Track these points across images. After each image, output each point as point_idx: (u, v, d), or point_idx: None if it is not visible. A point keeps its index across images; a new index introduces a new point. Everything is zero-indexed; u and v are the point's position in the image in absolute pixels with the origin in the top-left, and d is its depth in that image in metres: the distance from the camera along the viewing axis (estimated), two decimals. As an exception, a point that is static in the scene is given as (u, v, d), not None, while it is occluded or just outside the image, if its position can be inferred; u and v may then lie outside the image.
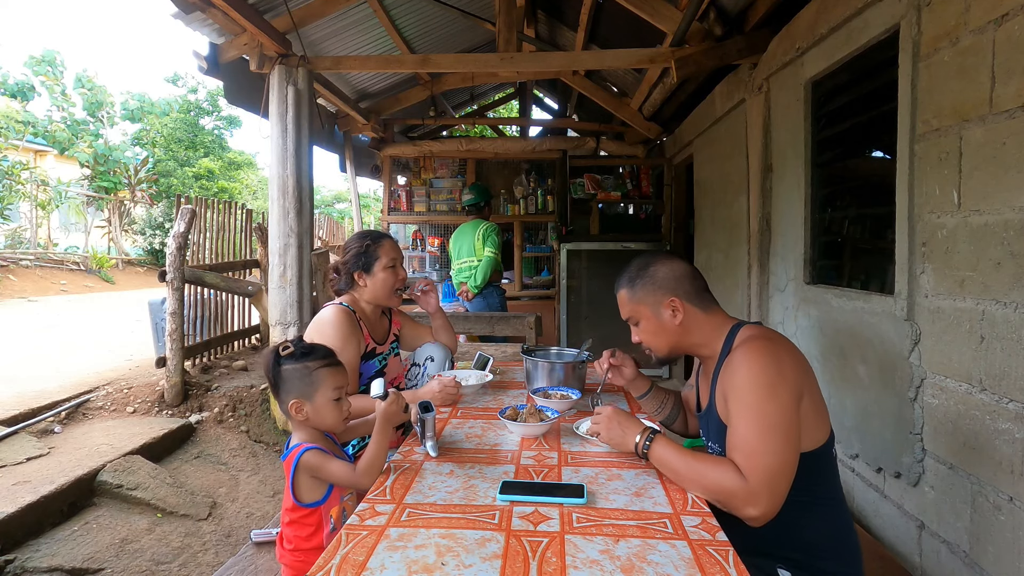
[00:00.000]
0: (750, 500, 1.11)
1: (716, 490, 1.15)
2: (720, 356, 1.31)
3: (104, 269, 12.24)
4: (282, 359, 1.32)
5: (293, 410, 1.30)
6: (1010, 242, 1.50)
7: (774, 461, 1.11)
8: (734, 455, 1.16)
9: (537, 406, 1.58)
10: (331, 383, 1.34)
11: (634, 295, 1.39)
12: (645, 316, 1.38)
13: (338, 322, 1.80)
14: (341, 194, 23.27)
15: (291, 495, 1.29)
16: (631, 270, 1.41)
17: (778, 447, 1.12)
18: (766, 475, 1.11)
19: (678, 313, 1.34)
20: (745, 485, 1.11)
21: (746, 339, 1.26)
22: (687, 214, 5.48)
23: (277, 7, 3.51)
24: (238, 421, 3.84)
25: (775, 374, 1.16)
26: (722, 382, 1.26)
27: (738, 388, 1.18)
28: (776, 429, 1.13)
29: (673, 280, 1.36)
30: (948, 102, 1.74)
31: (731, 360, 1.24)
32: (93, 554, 2.44)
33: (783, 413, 1.14)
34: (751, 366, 1.18)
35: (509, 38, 4.02)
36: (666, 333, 1.36)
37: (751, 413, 1.15)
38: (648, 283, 1.37)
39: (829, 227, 2.70)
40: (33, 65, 14.57)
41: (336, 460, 1.31)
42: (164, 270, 3.93)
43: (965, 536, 1.69)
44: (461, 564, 0.90)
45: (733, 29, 3.29)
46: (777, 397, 1.15)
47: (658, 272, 1.37)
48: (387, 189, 6.41)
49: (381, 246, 1.93)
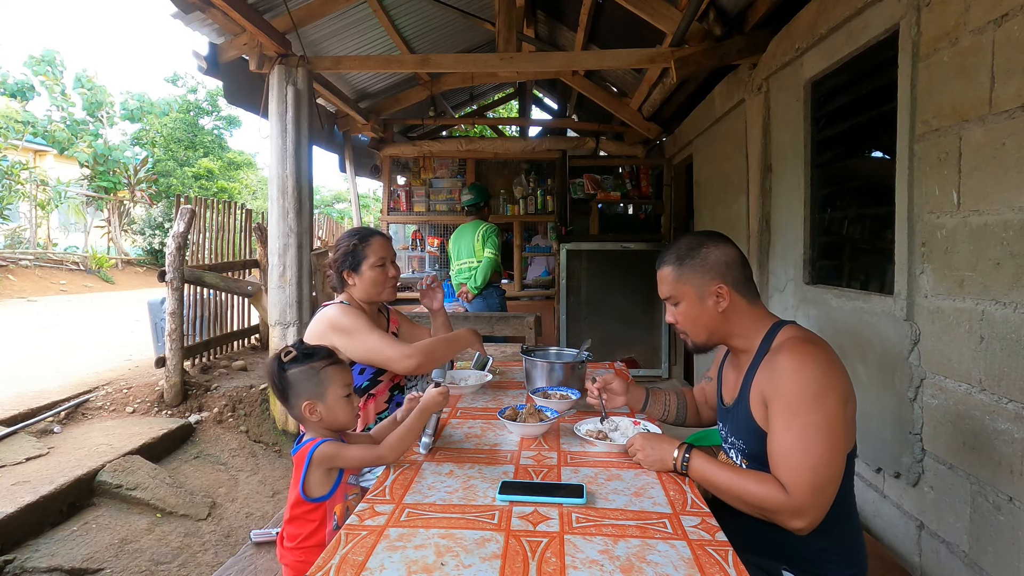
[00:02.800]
0: (796, 514, 1.10)
1: (760, 506, 1.14)
2: (757, 353, 1.27)
3: (104, 269, 12.23)
4: (286, 364, 1.32)
5: (307, 412, 1.30)
6: (1010, 242, 1.50)
7: (820, 473, 1.09)
8: (778, 467, 1.14)
9: (536, 406, 1.58)
10: (340, 380, 1.34)
11: (680, 275, 1.30)
12: (688, 298, 1.30)
13: (351, 313, 1.80)
14: (341, 194, 23.27)
15: (299, 489, 1.29)
16: (680, 247, 1.33)
17: (825, 458, 1.10)
18: (811, 488, 1.09)
19: (722, 301, 1.27)
20: (789, 499, 1.10)
21: (789, 341, 1.21)
22: (687, 214, 5.48)
23: (277, 7, 3.51)
24: (237, 421, 3.84)
25: (824, 383, 1.13)
26: (760, 382, 1.22)
27: (784, 395, 1.14)
28: (823, 440, 1.10)
29: (724, 265, 1.28)
30: (948, 102, 1.74)
31: (774, 362, 1.19)
32: (92, 554, 2.44)
33: (830, 423, 1.11)
34: (800, 373, 1.14)
35: (509, 38, 4.02)
36: (707, 319, 1.30)
37: (797, 423, 1.12)
38: (698, 265, 1.29)
39: (829, 227, 2.70)
40: (33, 65, 14.56)
41: (353, 445, 1.32)
42: (163, 270, 3.93)
43: (965, 536, 1.69)
44: (460, 564, 0.90)
45: (733, 29, 3.29)
46: (825, 407, 1.12)
47: (710, 255, 1.29)
48: (387, 189, 6.41)
49: (369, 244, 1.90)
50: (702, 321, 1.30)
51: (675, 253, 1.33)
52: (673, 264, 1.32)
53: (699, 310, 1.30)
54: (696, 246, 1.31)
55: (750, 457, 1.27)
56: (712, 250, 1.30)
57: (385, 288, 1.92)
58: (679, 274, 1.31)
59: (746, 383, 1.27)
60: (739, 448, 1.31)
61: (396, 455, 1.30)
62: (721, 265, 1.28)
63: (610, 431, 1.47)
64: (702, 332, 1.32)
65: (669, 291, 1.33)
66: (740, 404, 1.28)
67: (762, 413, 1.21)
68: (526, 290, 6.21)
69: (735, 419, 1.31)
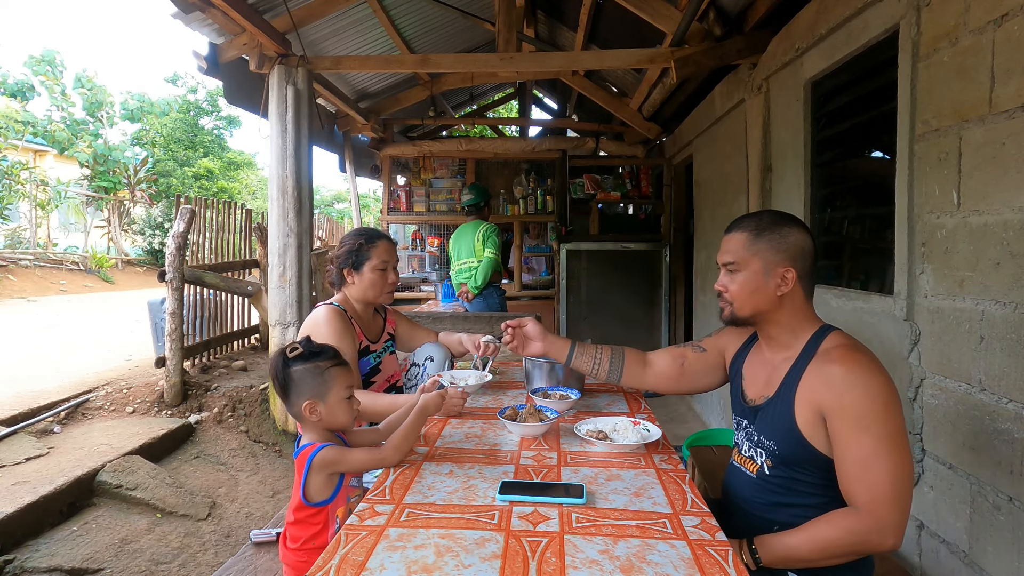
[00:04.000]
0: (883, 532, 1.07)
1: (847, 545, 1.11)
2: (802, 354, 1.24)
3: (103, 269, 12.23)
4: (291, 361, 1.31)
5: (307, 411, 1.29)
6: (1009, 242, 1.50)
7: (899, 486, 1.08)
8: (852, 483, 1.11)
9: (536, 406, 1.58)
10: (343, 382, 1.33)
11: (754, 244, 1.26)
12: (752, 269, 1.25)
13: (330, 320, 1.81)
14: (341, 194, 23.27)
15: (299, 494, 1.29)
16: (762, 218, 1.28)
17: (900, 469, 1.08)
18: (892, 501, 1.07)
19: (785, 285, 1.23)
20: (871, 521, 1.08)
21: (841, 349, 1.18)
22: (687, 214, 5.48)
23: (277, 7, 3.51)
24: (237, 421, 3.84)
25: (889, 395, 1.12)
26: (812, 390, 1.18)
27: (851, 409, 1.11)
28: (896, 451, 1.08)
29: (799, 251, 1.24)
30: (948, 102, 1.74)
31: (827, 371, 1.16)
32: (92, 554, 2.44)
33: (899, 433, 1.10)
34: (867, 387, 1.11)
35: (509, 38, 4.02)
36: (762, 297, 1.25)
37: (869, 437, 1.10)
38: (776, 240, 1.24)
39: (828, 227, 2.71)
40: (33, 65, 14.56)
41: (355, 449, 1.32)
42: (163, 270, 3.93)
43: (964, 536, 1.69)
44: (460, 564, 0.90)
45: (733, 29, 3.30)
46: (894, 418, 1.11)
47: (791, 235, 1.24)
48: (387, 189, 6.41)
49: (374, 246, 1.91)
50: (757, 297, 1.26)
51: (755, 222, 1.28)
52: (751, 231, 1.27)
53: (758, 285, 1.25)
54: (780, 222, 1.27)
55: (780, 460, 1.24)
56: (794, 232, 1.25)
57: (382, 292, 1.93)
58: (753, 243, 1.26)
59: (788, 385, 1.23)
60: (768, 449, 1.26)
61: (399, 457, 1.29)
62: (797, 249, 1.24)
63: (610, 431, 1.47)
64: (749, 307, 1.28)
65: (734, 256, 1.28)
66: (778, 406, 1.24)
67: (810, 420, 1.18)
68: (526, 290, 6.22)
69: (768, 419, 1.26)
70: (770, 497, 1.26)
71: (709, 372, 1.53)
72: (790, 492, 1.23)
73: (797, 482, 1.22)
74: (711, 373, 1.53)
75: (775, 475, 1.25)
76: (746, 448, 1.34)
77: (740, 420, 1.38)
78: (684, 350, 1.55)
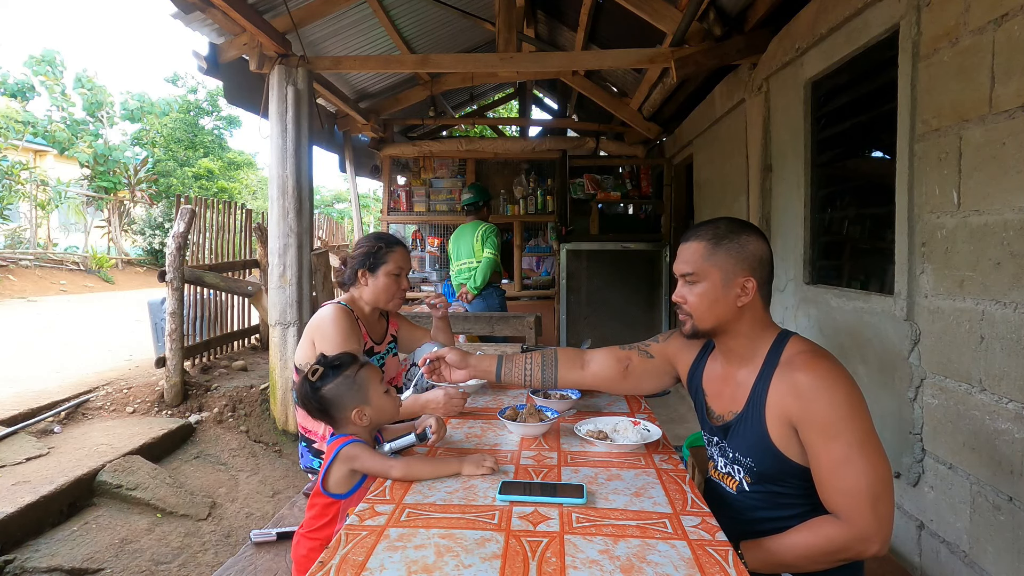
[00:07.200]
0: (865, 539, 1.06)
1: (828, 551, 1.10)
2: (765, 364, 1.21)
3: (104, 269, 12.24)
4: (317, 383, 1.30)
5: (357, 418, 1.29)
6: (1010, 242, 1.50)
7: (875, 489, 1.07)
8: (829, 492, 1.10)
9: (537, 406, 1.58)
10: (375, 378, 1.34)
11: (713, 254, 1.22)
12: (712, 281, 1.22)
13: (337, 319, 1.81)
14: (341, 194, 23.26)
15: (320, 479, 1.30)
16: (719, 227, 1.24)
17: (873, 472, 1.07)
18: (869, 505, 1.06)
19: (745, 296, 1.21)
20: (852, 528, 1.07)
21: (803, 356, 1.17)
22: (687, 214, 5.49)
23: (277, 7, 3.51)
24: (238, 421, 3.84)
25: (854, 399, 1.11)
26: (780, 401, 1.16)
27: (818, 419, 1.10)
28: (866, 455, 1.07)
29: (758, 259, 1.22)
30: (948, 102, 1.74)
31: (793, 380, 1.14)
32: (93, 554, 2.44)
33: (868, 435, 1.09)
34: (832, 393, 1.10)
35: (509, 38, 4.02)
36: (722, 308, 1.22)
37: (838, 445, 1.08)
38: (735, 250, 1.21)
39: (829, 227, 2.70)
40: (33, 65, 14.58)
41: (371, 453, 1.29)
42: (164, 270, 3.93)
43: (964, 536, 1.69)
44: (461, 564, 0.90)
45: (733, 29, 3.29)
46: (860, 421, 1.10)
47: (749, 243, 1.21)
48: (387, 189, 6.41)
49: (393, 252, 1.94)
50: (717, 308, 1.22)
51: (712, 231, 1.24)
52: (708, 241, 1.23)
53: (718, 296, 1.22)
54: (736, 230, 1.23)
55: (759, 476, 1.22)
56: (752, 240, 1.22)
57: (393, 298, 1.95)
58: (711, 253, 1.22)
59: (756, 399, 1.21)
60: (746, 466, 1.23)
61: (401, 475, 1.24)
62: (756, 258, 1.22)
63: (610, 431, 1.47)
64: (710, 319, 1.24)
65: (694, 268, 1.23)
66: (749, 422, 1.22)
67: (782, 432, 1.16)
68: (526, 290, 6.22)
69: (741, 436, 1.24)
70: (753, 513, 1.24)
71: (653, 377, 1.50)
72: (774, 506, 1.22)
73: (779, 495, 1.21)
74: (656, 378, 1.51)
75: (756, 491, 1.23)
76: (722, 464, 1.32)
77: (710, 437, 1.36)
78: (630, 353, 1.52)
